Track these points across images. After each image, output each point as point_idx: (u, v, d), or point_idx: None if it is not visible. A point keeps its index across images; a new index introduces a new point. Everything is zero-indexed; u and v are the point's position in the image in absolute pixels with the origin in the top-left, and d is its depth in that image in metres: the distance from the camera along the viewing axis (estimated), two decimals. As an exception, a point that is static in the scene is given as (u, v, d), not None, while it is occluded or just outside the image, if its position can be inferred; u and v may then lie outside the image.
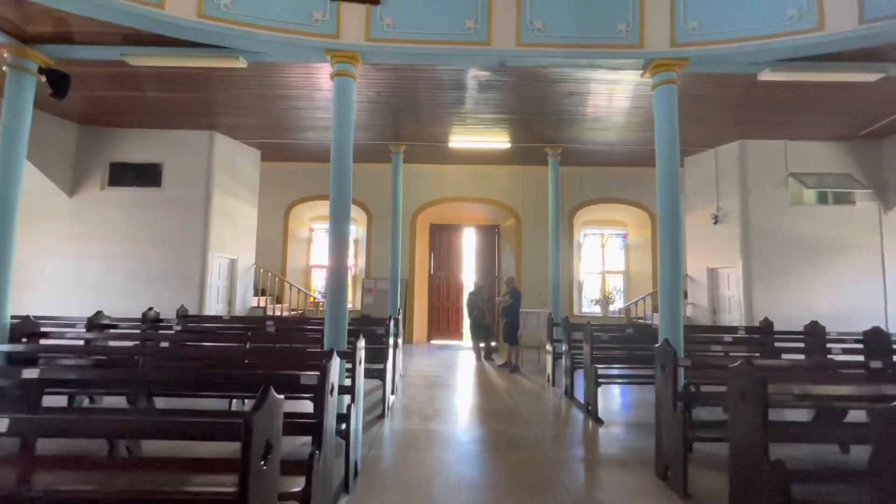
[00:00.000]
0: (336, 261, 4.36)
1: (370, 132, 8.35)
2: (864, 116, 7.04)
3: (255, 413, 1.48)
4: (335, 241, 4.43)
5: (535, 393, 6.39)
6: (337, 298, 4.26)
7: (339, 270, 4.36)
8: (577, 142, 8.81)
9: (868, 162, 8.25)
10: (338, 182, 4.53)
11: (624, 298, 12.02)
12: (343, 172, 4.55)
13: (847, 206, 8.23)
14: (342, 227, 4.48)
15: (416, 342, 11.37)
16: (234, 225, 9.05)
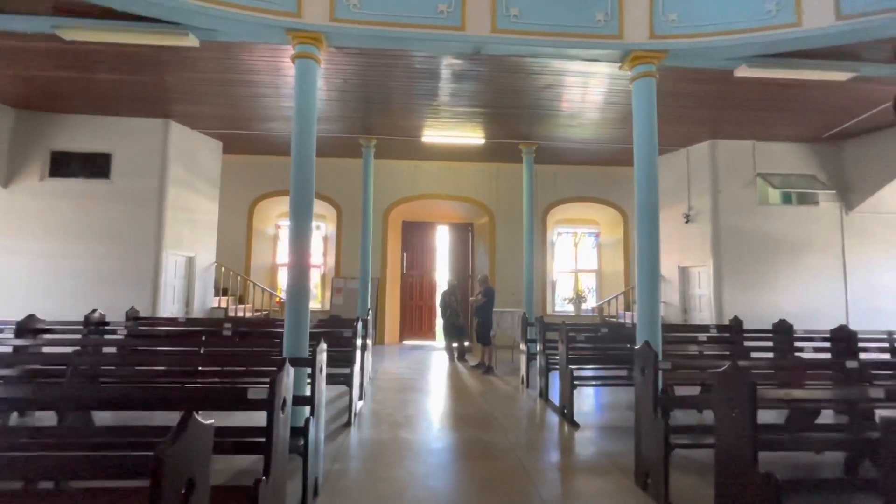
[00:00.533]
0: (297, 259, 4.03)
1: (339, 124, 7.98)
2: (828, 118, 7.19)
3: (171, 447, 1.18)
4: (297, 237, 4.10)
5: (509, 395, 6.21)
6: (297, 300, 3.93)
7: (301, 269, 4.02)
8: (552, 139, 8.70)
9: (831, 163, 8.48)
10: (300, 173, 4.20)
11: (596, 297, 12.06)
12: (305, 163, 4.21)
13: (811, 206, 8.43)
14: (304, 223, 4.15)
15: (388, 343, 11.05)
16: (192, 221, 8.49)
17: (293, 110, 4.29)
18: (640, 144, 4.32)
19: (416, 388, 6.46)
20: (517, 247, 11.03)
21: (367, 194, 8.76)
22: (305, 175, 4.19)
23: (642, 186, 4.31)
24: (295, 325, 3.84)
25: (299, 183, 4.16)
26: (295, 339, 3.79)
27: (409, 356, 9.32)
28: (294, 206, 4.13)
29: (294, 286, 3.96)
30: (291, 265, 4.03)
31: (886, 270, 8.38)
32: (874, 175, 8.01)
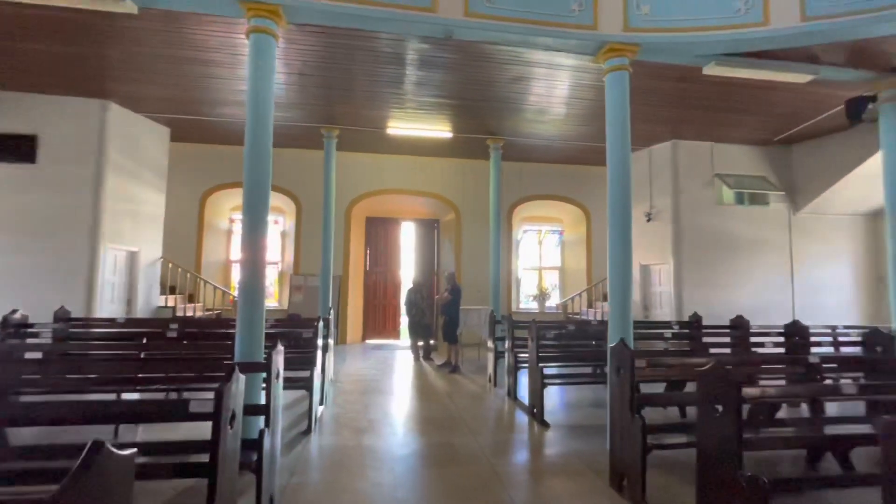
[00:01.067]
0: (251, 255, 3.67)
1: (299, 112, 7.54)
2: (781, 122, 7.48)
3: (67, 491, 0.89)
4: (251, 231, 3.74)
5: (477, 395, 6.06)
6: (251, 299, 3.58)
7: (255, 266, 3.67)
8: (519, 135, 8.62)
9: (780, 166, 8.89)
10: (255, 162, 3.84)
11: (560, 294, 12.17)
12: (261, 151, 3.86)
13: (762, 206, 8.80)
14: (259, 216, 3.80)
15: (350, 343, 10.67)
16: (134, 212, 7.79)
17: (247, 92, 3.91)
18: (613, 138, 4.25)
19: (380, 390, 6.18)
20: (483, 244, 10.94)
21: (328, 187, 8.36)
22: (261, 164, 3.84)
23: (615, 181, 4.25)
24: (248, 326, 3.48)
25: (254, 173, 3.80)
26: (248, 341, 3.44)
27: (373, 356, 9.01)
28: (248, 198, 3.77)
29: (247, 284, 3.61)
30: (244, 261, 3.67)
31: (828, 268, 8.88)
32: (819, 178, 8.45)
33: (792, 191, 8.82)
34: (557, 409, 5.38)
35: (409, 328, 8.70)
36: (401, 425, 4.71)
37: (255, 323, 3.52)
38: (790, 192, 8.81)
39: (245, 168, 3.81)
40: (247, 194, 3.77)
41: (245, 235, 3.72)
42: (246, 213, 3.76)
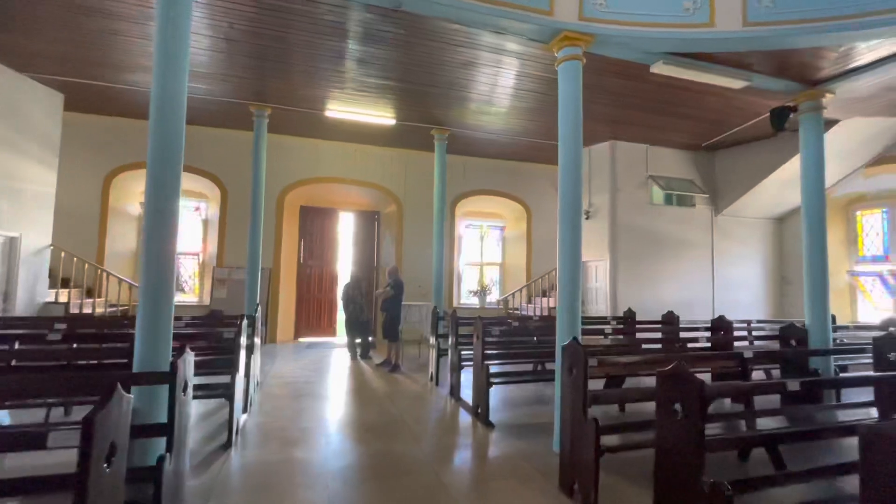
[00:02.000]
0: (156, 244, 3.08)
1: (226, 85, 6.76)
2: (712, 128, 7.92)
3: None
4: (156, 215, 3.14)
5: (418, 396, 5.77)
6: (155, 295, 2.99)
7: (161, 257, 3.08)
8: (465, 126, 8.42)
9: (705, 171, 9.48)
10: (163, 132, 3.23)
11: (500, 290, 12.22)
12: (171, 120, 3.25)
13: (689, 208, 9.33)
14: (167, 198, 3.20)
15: (282, 341, 9.93)
16: (14, 191, 6.58)
17: (155, 51, 3.28)
18: (566, 130, 4.13)
19: (313, 394, 5.69)
20: (426, 238, 10.65)
21: (257, 172, 7.61)
22: (171, 135, 3.24)
23: (567, 173, 4.13)
24: (151, 327, 2.90)
25: (162, 149, 3.19)
26: (151, 346, 2.87)
27: (306, 356, 8.41)
28: (154, 172, 3.16)
29: (150, 277, 3.02)
30: (146, 251, 3.08)
31: (742, 267, 9.63)
32: (737, 183, 9.11)
33: (714, 194, 9.44)
34: (501, 408, 5.24)
35: (345, 325, 8.22)
36: (336, 433, 4.30)
37: (161, 324, 2.95)
38: (713, 195, 9.43)
39: (150, 143, 3.19)
40: (151, 173, 3.16)
41: (149, 221, 3.12)
42: (151, 196, 3.15)
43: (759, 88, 5.29)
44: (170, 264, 3.11)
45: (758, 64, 4.91)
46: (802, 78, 5.14)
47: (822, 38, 4.00)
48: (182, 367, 2.30)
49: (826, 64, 4.92)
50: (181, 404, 2.27)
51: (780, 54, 4.65)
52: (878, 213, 8.91)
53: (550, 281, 10.57)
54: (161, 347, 2.94)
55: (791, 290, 9.64)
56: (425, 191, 10.75)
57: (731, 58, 4.74)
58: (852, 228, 9.18)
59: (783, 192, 9.02)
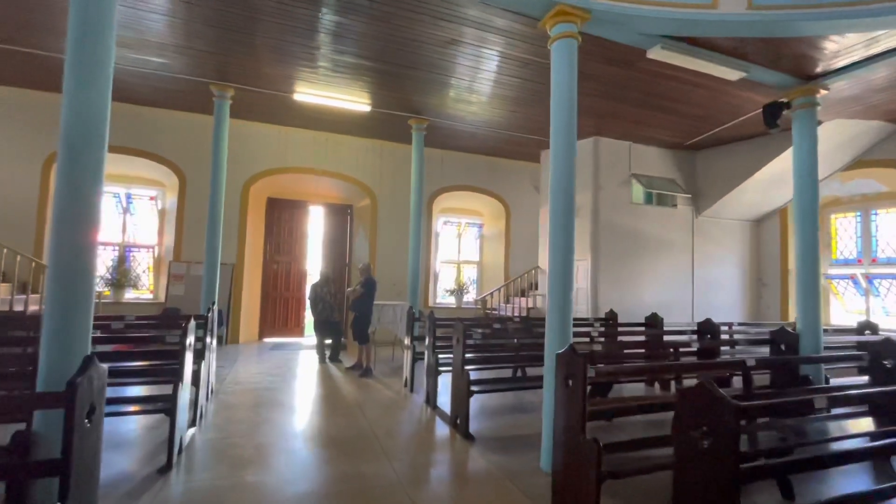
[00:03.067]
0: (69, 235, 2.52)
1: (184, 60, 6.10)
2: (697, 124, 7.76)
3: None
4: (70, 199, 2.58)
5: (391, 404, 5.31)
6: (68, 295, 2.43)
7: (74, 247, 2.53)
8: (445, 116, 8.00)
9: (687, 171, 9.36)
10: (80, 98, 2.65)
11: (477, 289, 11.86)
12: (93, 83, 2.68)
13: (670, 208, 9.20)
14: (87, 179, 2.64)
15: (245, 341, 9.27)
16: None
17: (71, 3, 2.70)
18: (560, 115, 3.76)
19: (274, 402, 5.15)
20: (401, 234, 10.19)
21: (218, 158, 6.96)
22: (92, 107, 2.66)
23: (560, 162, 3.77)
24: (60, 336, 2.35)
25: (77, 124, 2.62)
26: (60, 358, 2.31)
27: (271, 358, 7.80)
28: (66, 153, 2.59)
29: (61, 272, 2.46)
30: (55, 240, 2.52)
31: (720, 269, 9.58)
32: (718, 184, 9.03)
33: (696, 195, 9.34)
34: (480, 417, 4.85)
35: (314, 326, 7.66)
36: (298, 451, 3.80)
37: (75, 331, 2.39)
38: (694, 196, 9.32)
39: (64, 118, 2.61)
40: (63, 149, 2.59)
41: (61, 206, 2.55)
42: (62, 173, 2.58)
43: (755, 81, 5.09)
44: (89, 255, 2.55)
45: (755, 54, 4.68)
46: (798, 72, 4.95)
47: (828, 26, 3.78)
48: (85, 387, 1.78)
49: (824, 57, 4.74)
50: (83, 434, 1.76)
51: (779, 44, 4.43)
52: (853, 216, 8.99)
53: (529, 280, 10.28)
54: (74, 360, 2.38)
55: (767, 292, 9.65)
56: (401, 185, 10.28)
57: (730, 45, 4.49)
58: (826, 232, 9.25)
59: (762, 194, 9.00)
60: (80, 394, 1.76)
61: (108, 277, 8.61)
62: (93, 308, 2.58)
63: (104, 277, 8.65)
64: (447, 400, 5.06)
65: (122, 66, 6.39)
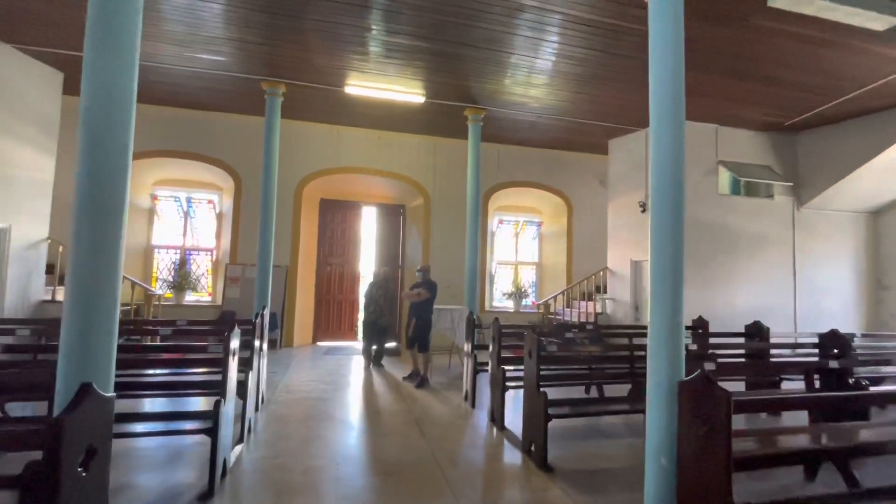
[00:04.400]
0: (91, 232, 2.17)
1: (234, 55, 5.92)
2: (799, 101, 6.60)
3: None
4: (91, 202, 2.22)
5: (452, 422, 4.75)
6: (89, 306, 2.07)
7: (99, 247, 2.17)
8: (502, 105, 7.36)
9: (785, 156, 8.10)
10: (104, 43, 2.30)
11: (536, 292, 11.09)
12: (120, 24, 2.33)
13: (766, 199, 7.99)
14: (109, 179, 2.28)
15: (299, 345, 9.11)
16: (5, 178, 5.92)
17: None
18: (661, 72, 3.03)
19: (326, 415, 4.75)
20: (455, 234, 9.65)
21: (270, 158, 6.75)
22: (116, 71, 2.31)
23: (664, 139, 3.05)
24: (79, 354, 1.98)
25: (98, 89, 2.27)
26: (78, 377, 1.94)
27: (324, 363, 7.52)
28: (87, 150, 2.23)
29: (80, 281, 2.10)
30: (74, 246, 2.17)
31: (830, 269, 8.20)
32: (825, 171, 7.71)
33: (797, 183, 8.06)
34: (553, 440, 4.16)
35: (363, 327, 7.26)
36: (352, 479, 3.32)
37: (100, 347, 2.02)
38: (795, 184, 8.04)
39: (82, 91, 2.27)
40: (86, 147, 2.24)
41: (81, 196, 2.20)
42: (84, 175, 2.23)
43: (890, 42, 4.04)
44: (114, 261, 2.18)
45: (914, -5, 3.68)
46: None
47: None
48: (76, 426, 1.35)
49: None
50: (75, 485, 1.33)
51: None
52: None
53: (596, 282, 9.38)
54: (98, 378, 2.00)
55: (889, 296, 8.14)
56: (455, 182, 9.75)
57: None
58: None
59: (882, 181, 7.57)
60: (67, 435, 1.34)
61: (170, 280, 8.74)
62: (117, 315, 2.21)
63: (166, 280, 8.80)
64: (515, 419, 4.43)
65: (175, 67, 6.34)
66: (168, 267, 8.98)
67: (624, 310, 8.46)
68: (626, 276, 8.48)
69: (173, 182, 9.17)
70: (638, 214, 8.11)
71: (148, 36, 5.49)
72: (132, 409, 4.12)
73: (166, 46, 5.75)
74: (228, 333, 3.17)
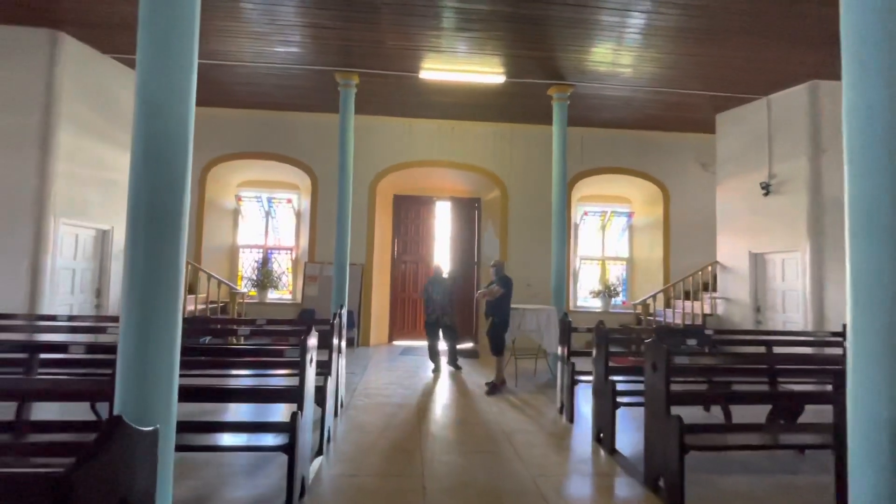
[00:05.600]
0: (149, 239, 1.86)
1: (308, 46, 5.75)
2: None
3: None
4: (150, 210, 1.92)
5: (549, 440, 4.10)
6: (151, 310, 1.77)
7: (160, 271, 1.86)
8: (590, 78, 6.53)
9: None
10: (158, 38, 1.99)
11: (626, 290, 10.01)
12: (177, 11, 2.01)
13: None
14: (172, 186, 1.96)
15: (375, 344, 8.93)
16: (104, 181, 6.24)
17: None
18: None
19: (409, 424, 4.33)
20: (535, 227, 8.94)
21: (345, 152, 6.55)
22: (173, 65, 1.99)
23: (867, 90, 2.17)
24: (139, 365, 1.66)
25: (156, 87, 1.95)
26: (138, 394, 1.62)
27: (401, 364, 7.20)
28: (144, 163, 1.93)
29: (138, 283, 1.80)
30: (131, 247, 1.87)
31: None
32: None
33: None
34: (694, 472, 3.35)
35: (426, 328, 6.79)
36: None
37: (155, 367, 1.69)
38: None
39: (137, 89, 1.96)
40: (140, 154, 1.94)
41: (135, 217, 1.90)
42: (140, 183, 1.93)
43: None
44: (176, 256, 1.86)
45: None
46: None
47: None
48: (86, 484, 0.95)
49: None
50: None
51: None
52: None
53: (703, 279, 8.14)
54: (159, 396, 1.67)
55: None
56: (535, 172, 9.02)
57: None
58: None
59: None
60: (80, 494, 0.94)
61: (253, 279, 8.95)
62: (179, 317, 1.89)
63: (250, 279, 9.03)
64: (627, 440, 3.71)
65: (253, 65, 6.33)
66: (252, 266, 9.22)
67: (741, 311, 7.21)
68: (742, 271, 7.23)
69: (255, 183, 9.41)
70: (758, 198, 6.86)
71: (225, 31, 5.45)
72: (206, 414, 3.98)
73: (244, 42, 5.70)
74: (305, 337, 2.81)
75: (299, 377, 2.82)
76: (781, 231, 6.52)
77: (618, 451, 3.73)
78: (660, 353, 3.06)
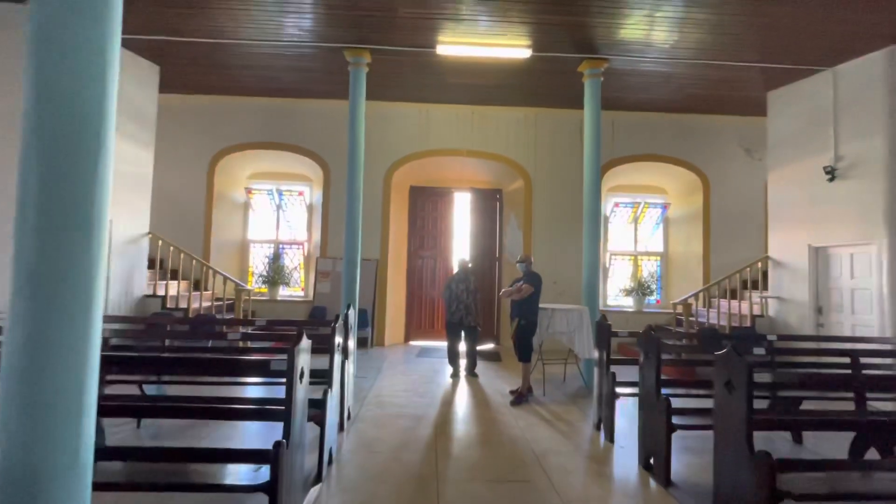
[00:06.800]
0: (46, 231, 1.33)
1: (315, 18, 5.23)
2: None
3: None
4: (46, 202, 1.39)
5: (588, 464, 3.49)
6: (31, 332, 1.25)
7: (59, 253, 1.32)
8: (626, 50, 5.83)
9: None
10: None
11: (661, 288, 9.23)
12: None
13: None
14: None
15: (390, 344, 8.42)
16: (103, 171, 5.85)
17: None
18: None
19: (425, 442, 3.77)
20: (561, 220, 8.29)
21: (355, 138, 6.03)
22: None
23: None
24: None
25: None
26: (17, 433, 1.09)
27: (417, 367, 6.66)
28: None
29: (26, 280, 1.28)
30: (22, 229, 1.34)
31: None
32: None
33: None
34: None
35: (447, 329, 6.20)
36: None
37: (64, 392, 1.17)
38: None
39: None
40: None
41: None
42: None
43: None
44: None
45: None
46: None
47: None
48: None
49: None
50: None
51: None
52: None
53: (750, 276, 7.33)
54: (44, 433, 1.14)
55: None
56: (561, 159, 8.36)
57: None
58: None
59: None
60: None
61: (264, 275, 8.54)
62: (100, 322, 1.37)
63: (261, 275, 8.62)
64: (681, 466, 3.09)
65: (259, 43, 5.85)
66: (262, 262, 8.81)
67: (799, 312, 6.40)
68: (800, 267, 6.42)
69: (266, 175, 9.00)
70: (820, 184, 6.03)
71: (229, 4, 4.98)
72: (176, 435, 3.49)
73: (250, 14, 5.20)
74: (293, 349, 2.26)
75: (286, 396, 2.28)
76: (850, 221, 5.70)
77: (674, 484, 3.09)
78: (739, 369, 2.41)
